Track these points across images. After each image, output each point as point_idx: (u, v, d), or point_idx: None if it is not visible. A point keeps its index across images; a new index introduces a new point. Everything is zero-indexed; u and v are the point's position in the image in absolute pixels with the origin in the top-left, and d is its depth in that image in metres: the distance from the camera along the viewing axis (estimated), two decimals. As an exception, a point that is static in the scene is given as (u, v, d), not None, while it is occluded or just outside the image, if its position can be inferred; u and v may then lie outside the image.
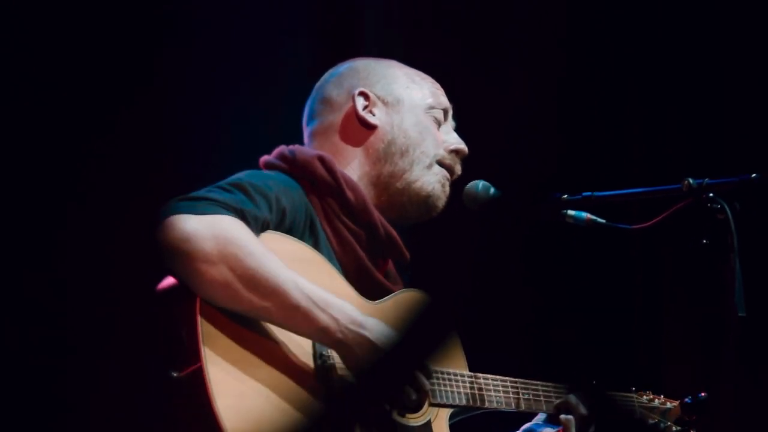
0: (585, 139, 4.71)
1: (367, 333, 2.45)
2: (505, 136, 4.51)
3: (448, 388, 2.62)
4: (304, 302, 2.41)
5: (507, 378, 2.77)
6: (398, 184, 2.81)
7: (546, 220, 2.91)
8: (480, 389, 2.68)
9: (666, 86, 4.79)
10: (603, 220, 2.88)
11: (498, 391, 2.72)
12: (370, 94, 2.84)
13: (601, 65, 4.77)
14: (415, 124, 2.84)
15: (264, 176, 2.62)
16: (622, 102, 4.83)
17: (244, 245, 2.37)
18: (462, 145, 2.91)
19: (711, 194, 2.68)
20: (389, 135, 2.84)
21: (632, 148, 4.83)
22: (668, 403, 3.05)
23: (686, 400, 3.00)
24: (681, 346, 4.65)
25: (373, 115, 2.84)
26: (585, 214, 2.89)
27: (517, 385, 2.78)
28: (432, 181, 2.84)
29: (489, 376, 2.73)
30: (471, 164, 3.03)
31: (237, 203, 2.42)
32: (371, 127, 2.83)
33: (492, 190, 2.93)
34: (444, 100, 2.92)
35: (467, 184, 2.95)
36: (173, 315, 2.36)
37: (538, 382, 2.81)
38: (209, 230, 2.35)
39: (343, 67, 2.94)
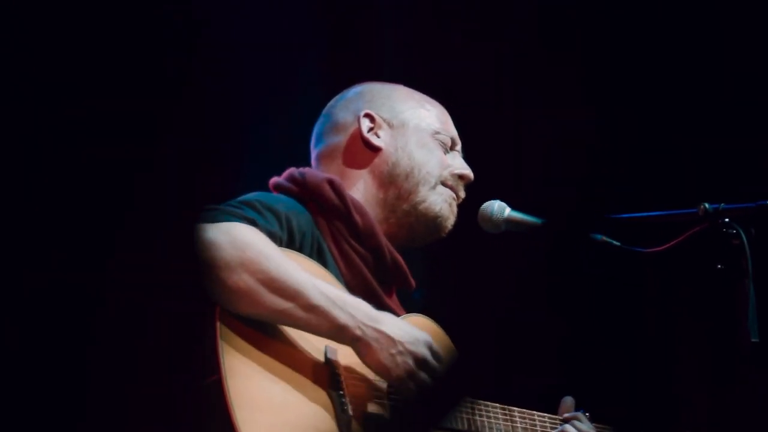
0: (603, 161, 4.71)
1: (384, 327, 2.48)
2: (521, 158, 4.52)
3: (450, 412, 2.63)
4: (323, 301, 2.44)
5: (506, 406, 2.77)
6: (405, 206, 2.82)
7: (563, 242, 2.91)
8: (480, 415, 2.69)
9: (685, 111, 4.79)
10: (618, 243, 2.89)
11: (497, 418, 2.73)
12: (376, 117, 2.86)
13: (620, 87, 4.78)
14: (420, 146, 2.86)
15: (273, 198, 2.64)
16: (641, 125, 4.83)
17: (262, 250, 2.41)
18: (467, 171, 2.92)
19: (727, 219, 2.68)
20: (393, 157, 2.85)
21: (649, 171, 4.83)
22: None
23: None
24: (694, 371, 4.65)
25: (378, 137, 2.86)
26: (600, 236, 2.89)
27: (515, 413, 2.79)
28: (438, 201, 2.85)
29: (489, 403, 2.74)
30: (487, 185, 3.04)
31: (249, 216, 2.45)
32: (376, 149, 2.85)
33: (507, 211, 2.93)
34: (451, 128, 2.93)
35: (482, 204, 2.96)
36: (192, 326, 2.38)
37: (535, 412, 2.82)
38: (227, 237, 2.39)
39: (351, 91, 2.97)
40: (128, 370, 3.44)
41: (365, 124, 2.85)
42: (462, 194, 2.93)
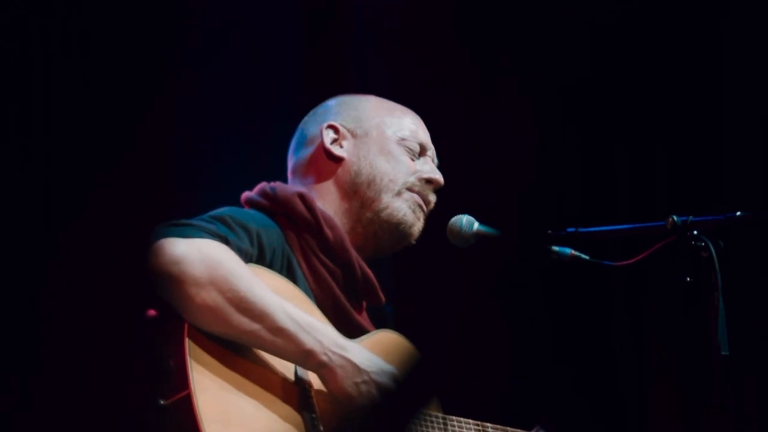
0: (570, 175, 4.71)
1: (350, 356, 2.47)
2: (490, 171, 4.51)
3: (422, 428, 2.61)
4: (290, 325, 2.43)
5: (478, 421, 2.76)
6: (368, 214, 2.81)
7: (530, 255, 2.90)
8: (453, 430, 2.68)
9: (652, 123, 4.81)
10: (587, 257, 2.88)
11: None
12: (339, 127, 2.87)
13: (588, 100, 4.78)
14: (383, 153, 2.85)
15: (244, 213, 2.63)
16: (609, 138, 4.84)
17: (233, 268, 2.39)
18: (436, 175, 2.91)
19: (695, 232, 2.68)
20: (356, 166, 2.85)
21: (617, 184, 4.83)
22: None
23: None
24: (664, 383, 4.65)
25: (341, 147, 2.86)
26: (569, 250, 2.89)
27: (488, 428, 2.78)
28: (402, 207, 2.84)
29: (461, 418, 2.73)
30: (455, 199, 3.02)
31: (221, 232, 2.44)
32: (338, 160, 2.85)
33: (476, 225, 2.92)
34: (421, 134, 2.92)
35: (451, 219, 2.95)
36: (161, 341, 2.36)
37: (509, 428, 2.81)
38: (198, 254, 2.37)
39: (322, 105, 2.97)
40: (92, 385, 3.41)
41: (328, 135, 2.85)
42: (431, 198, 2.92)
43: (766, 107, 4.67)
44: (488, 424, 2.79)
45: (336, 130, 2.86)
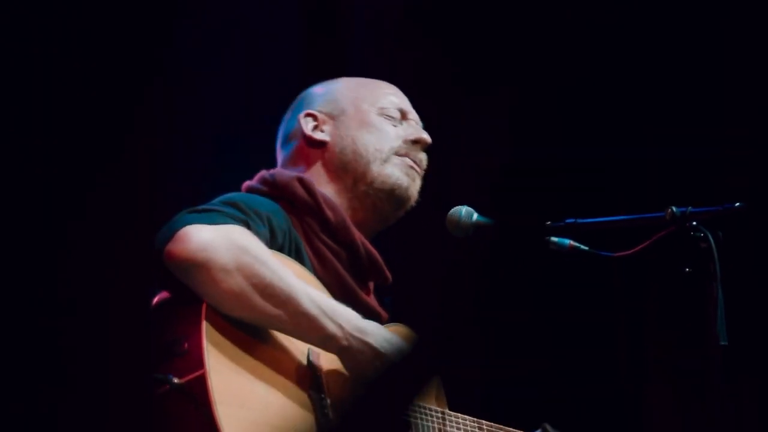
0: (570, 165, 4.72)
1: (370, 339, 2.50)
2: (488, 161, 4.51)
3: (421, 421, 2.62)
4: (313, 310, 2.45)
5: (475, 419, 2.77)
6: (363, 188, 2.83)
7: (530, 246, 2.91)
8: (451, 426, 2.69)
9: (651, 114, 4.81)
10: (586, 247, 2.89)
11: (467, 430, 2.73)
12: (317, 113, 2.89)
13: (588, 90, 4.78)
14: (363, 126, 2.87)
15: (252, 198, 2.65)
16: (607, 129, 4.84)
17: (258, 255, 2.42)
18: (421, 134, 2.91)
19: (694, 223, 2.68)
20: (339, 146, 2.87)
21: (617, 175, 4.84)
22: None
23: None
24: (663, 374, 4.66)
25: (322, 131, 2.87)
26: (568, 241, 2.89)
27: (483, 427, 2.79)
28: (393, 172, 2.85)
29: (459, 415, 2.74)
30: (454, 192, 3.03)
31: (241, 217, 2.46)
32: (322, 144, 2.87)
33: (475, 216, 2.93)
34: (399, 100, 2.92)
35: (450, 210, 2.96)
36: (175, 322, 2.37)
37: (503, 427, 2.82)
38: (224, 240, 2.39)
39: (295, 100, 3.00)
40: (109, 364, 3.41)
41: (308, 123, 2.87)
42: (421, 157, 2.92)
43: (764, 99, 4.67)
44: (484, 422, 2.80)
45: (314, 117, 2.87)
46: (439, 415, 2.66)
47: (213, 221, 2.39)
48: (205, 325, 2.34)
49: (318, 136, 2.86)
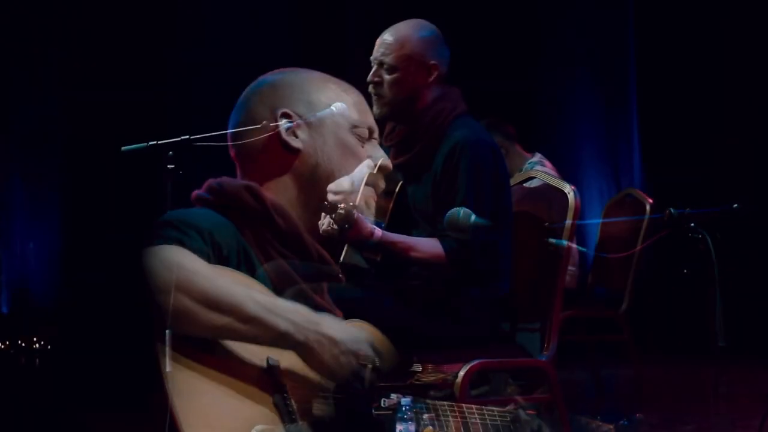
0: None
1: (324, 329, 2.47)
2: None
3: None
4: (260, 312, 2.43)
5: (453, 403, 2.77)
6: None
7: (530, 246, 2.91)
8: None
9: (653, 113, 4.82)
10: (584, 249, 2.89)
11: (447, 415, 2.73)
12: (293, 115, 2.81)
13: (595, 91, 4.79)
14: (339, 145, 2.82)
15: (192, 213, 2.63)
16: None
17: (191, 268, 2.40)
18: (386, 161, 2.89)
19: (692, 224, 2.68)
20: (314, 159, 2.81)
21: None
22: (604, 426, 3.02)
23: (622, 422, 2.97)
24: (662, 374, 4.67)
25: (297, 137, 2.81)
26: (566, 242, 2.89)
27: (463, 408, 2.78)
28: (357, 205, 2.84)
29: (444, 402, 2.73)
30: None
31: (174, 236, 2.45)
32: (295, 152, 2.82)
33: (473, 217, 2.93)
34: (369, 117, 2.88)
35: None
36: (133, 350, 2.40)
37: (484, 407, 2.81)
38: (157, 262, 2.39)
39: (267, 81, 2.89)
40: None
41: (284, 124, 2.78)
42: (382, 185, 2.91)
43: (763, 100, 4.68)
44: (463, 405, 2.79)
45: (290, 117, 2.80)
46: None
47: (151, 245, 2.39)
48: (159, 348, 2.35)
49: (293, 143, 2.78)
